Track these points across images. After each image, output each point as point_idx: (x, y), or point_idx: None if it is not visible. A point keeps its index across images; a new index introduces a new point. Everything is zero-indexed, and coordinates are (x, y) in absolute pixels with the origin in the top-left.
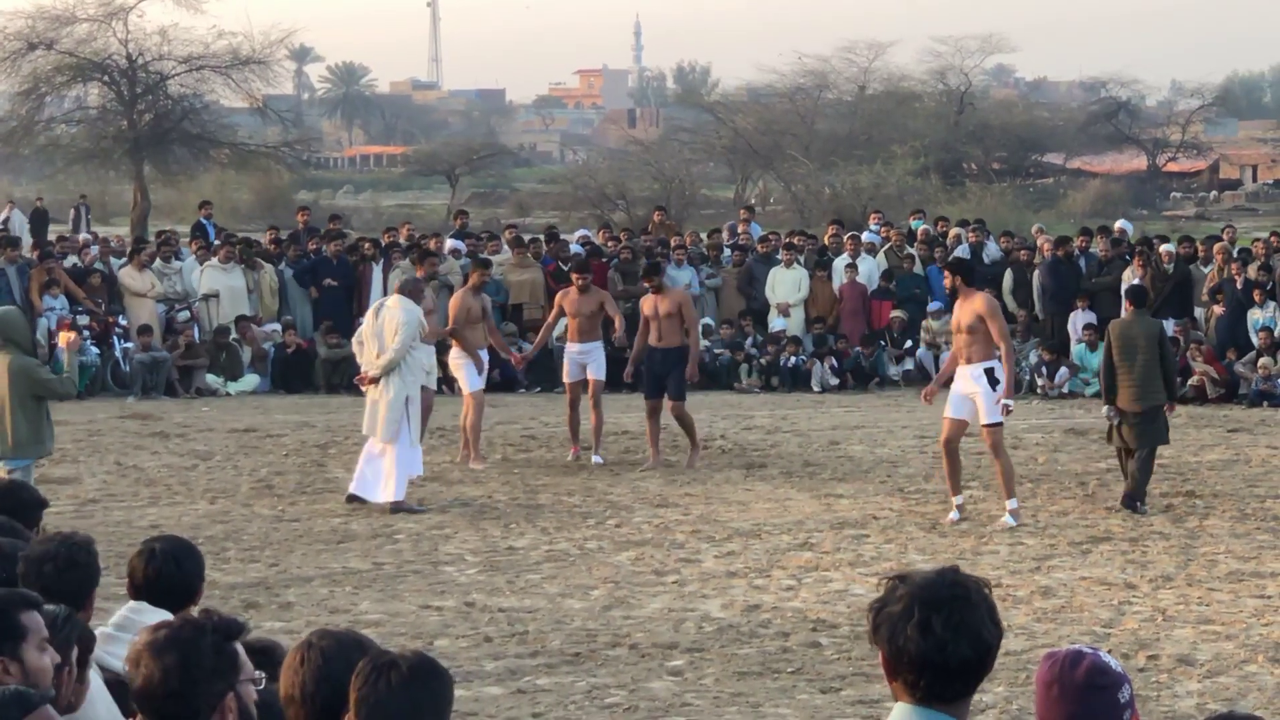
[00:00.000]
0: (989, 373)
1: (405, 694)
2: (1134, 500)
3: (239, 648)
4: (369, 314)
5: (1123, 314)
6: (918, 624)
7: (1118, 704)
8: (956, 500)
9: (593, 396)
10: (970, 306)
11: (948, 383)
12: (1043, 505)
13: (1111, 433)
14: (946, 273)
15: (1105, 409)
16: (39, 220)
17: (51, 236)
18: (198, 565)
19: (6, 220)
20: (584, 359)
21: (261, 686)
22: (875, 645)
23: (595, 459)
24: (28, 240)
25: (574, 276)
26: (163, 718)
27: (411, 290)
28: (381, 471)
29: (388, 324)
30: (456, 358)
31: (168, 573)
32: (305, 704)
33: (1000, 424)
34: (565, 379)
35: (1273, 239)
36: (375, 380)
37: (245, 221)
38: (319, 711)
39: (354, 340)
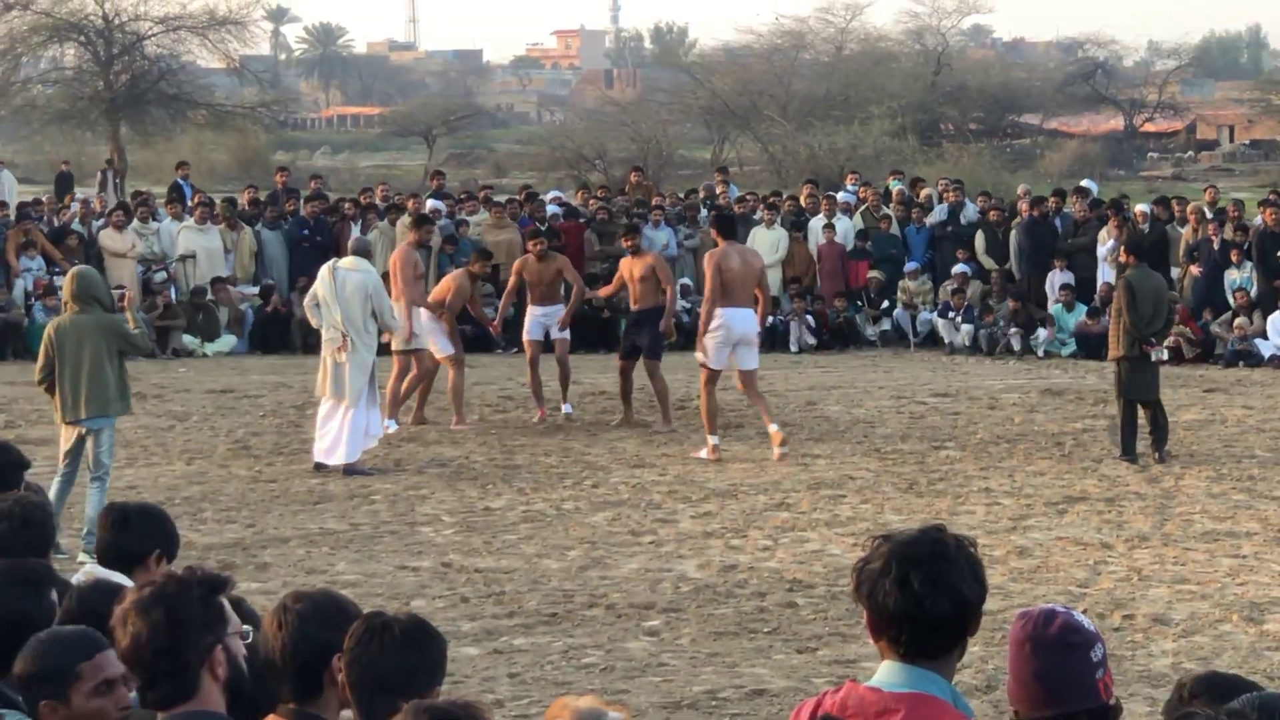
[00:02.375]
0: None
1: (398, 655)
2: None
3: (225, 602)
4: (324, 273)
5: (1127, 268)
6: (896, 580)
7: (1090, 662)
8: (712, 440)
9: (559, 355)
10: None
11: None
12: (1019, 465)
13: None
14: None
15: (1156, 352)
16: (64, 183)
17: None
18: (151, 527)
19: None
20: (547, 320)
21: (249, 640)
22: (858, 603)
23: (565, 409)
24: (14, 202)
25: (530, 244)
26: (152, 675)
27: (365, 250)
28: (332, 435)
29: (349, 285)
30: (429, 324)
31: (123, 536)
32: (284, 666)
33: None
34: (525, 336)
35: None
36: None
37: (222, 182)
38: (298, 672)
39: (307, 302)
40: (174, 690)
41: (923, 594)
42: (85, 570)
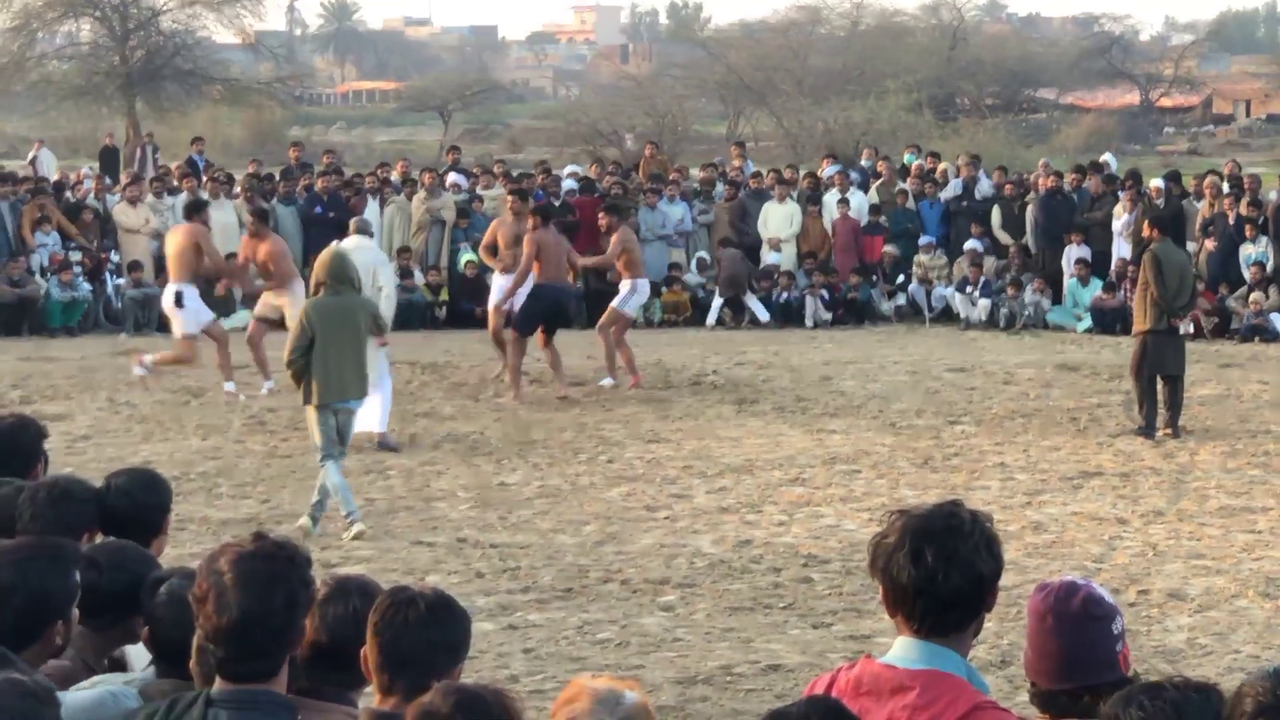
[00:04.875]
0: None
1: (423, 630)
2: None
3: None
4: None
5: (1153, 242)
6: (911, 555)
7: (1111, 635)
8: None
9: (601, 326)
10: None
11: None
12: (1034, 440)
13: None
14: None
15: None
16: (109, 158)
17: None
18: (157, 497)
19: (34, 160)
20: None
21: None
22: (874, 579)
23: (606, 381)
24: (53, 179)
25: (530, 220)
26: (247, 650)
27: (367, 229)
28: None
29: (356, 263)
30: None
31: (122, 507)
32: (310, 650)
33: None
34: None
35: None
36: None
37: (237, 158)
38: (322, 656)
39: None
40: (263, 668)
41: (937, 569)
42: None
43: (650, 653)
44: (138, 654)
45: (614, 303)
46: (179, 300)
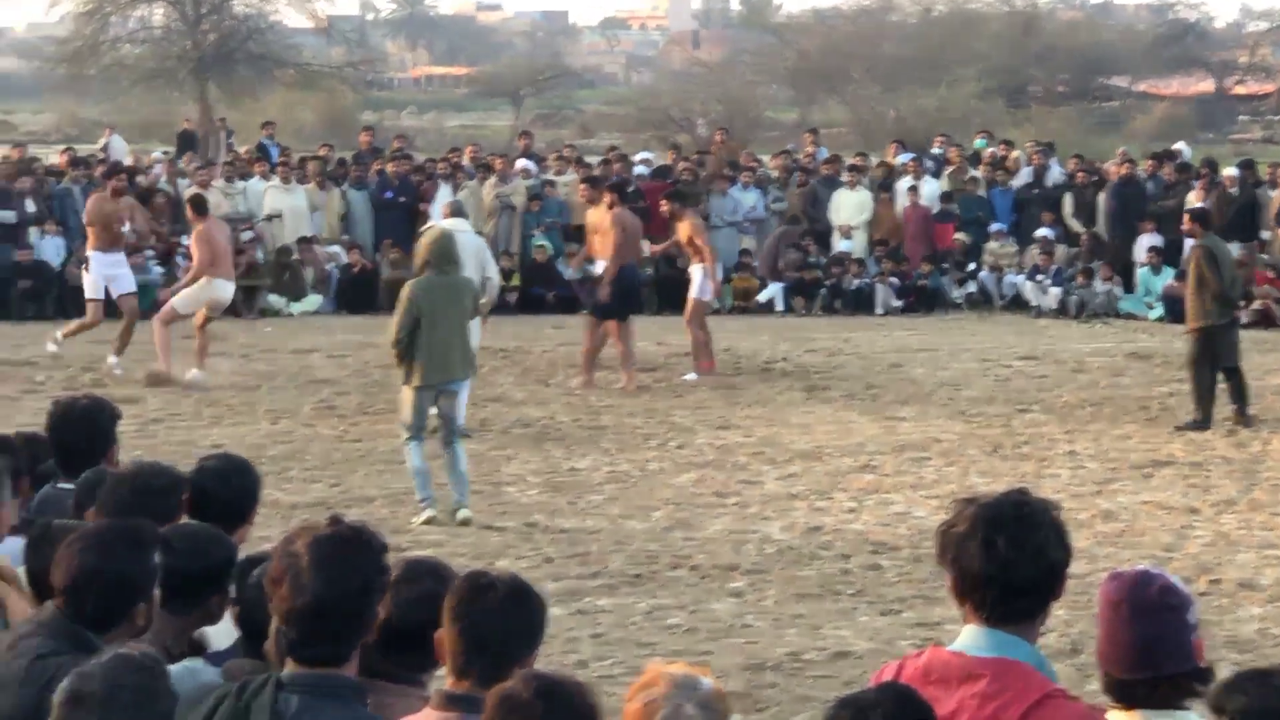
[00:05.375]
0: None
1: (500, 615)
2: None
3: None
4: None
5: (1198, 236)
6: (981, 543)
7: (1187, 625)
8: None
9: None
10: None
11: None
12: (1105, 429)
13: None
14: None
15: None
16: (187, 142)
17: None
18: (248, 483)
19: (106, 146)
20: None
21: None
22: (943, 566)
23: (689, 377)
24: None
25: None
26: (322, 632)
27: (462, 211)
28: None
29: (467, 249)
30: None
31: (213, 491)
32: (381, 632)
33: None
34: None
35: None
36: None
37: (309, 142)
38: (393, 638)
39: None
40: (334, 652)
41: (1009, 557)
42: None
43: (719, 638)
44: (216, 635)
45: (691, 292)
46: (87, 265)
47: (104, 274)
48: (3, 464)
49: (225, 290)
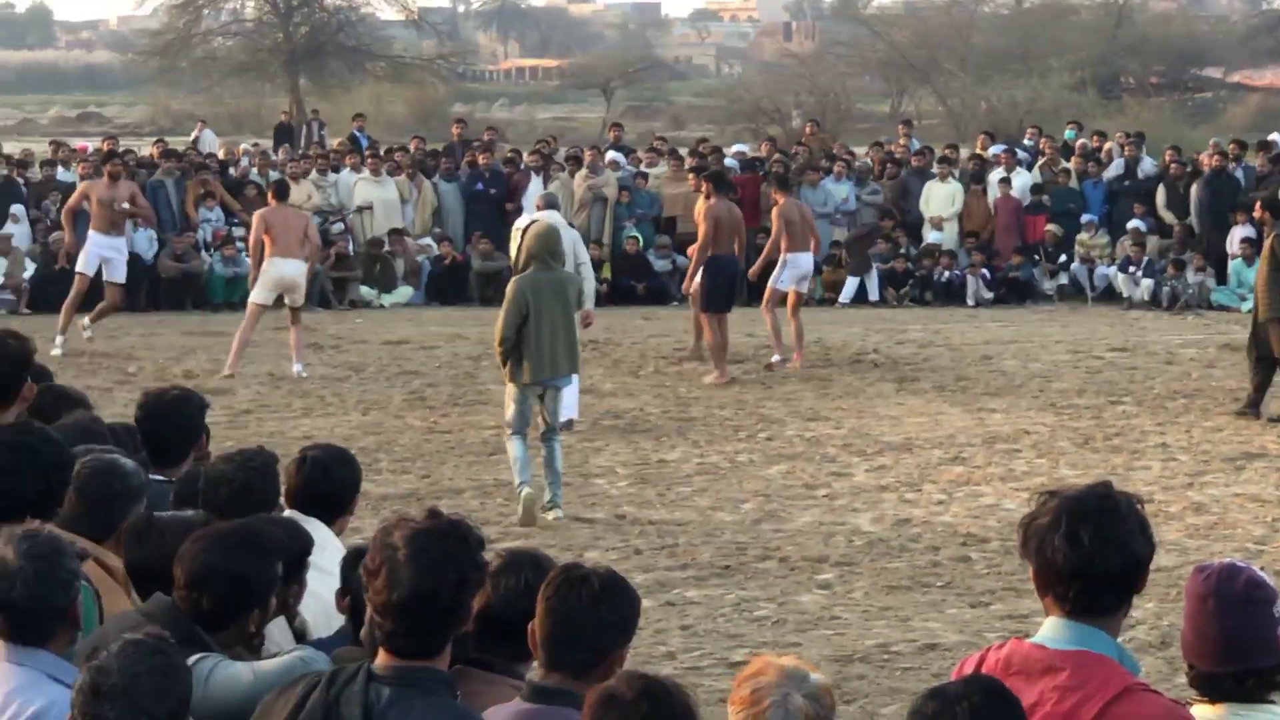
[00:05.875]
0: None
1: (594, 609)
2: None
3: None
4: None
5: (1269, 224)
6: (1065, 535)
7: (1274, 618)
8: None
9: (791, 305)
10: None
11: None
12: (1196, 421)
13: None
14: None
15: None
16: (283, 134)
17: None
18: (350, 474)
19: (196, 140)
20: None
21: None
22: (1025, 559)
23: (776, 358)
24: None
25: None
26: (420, 626)
27: (556, 204)
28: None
29: (564, 242)
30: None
31: (316, 480)
32: (480, 622)
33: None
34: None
35: None
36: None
37: (400, 134)
38: (491, 627)
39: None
40: (427, 645)
41: (1093, 550)
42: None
43: (807, 630)
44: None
45: (770, 279)
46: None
47: (100, 255)
48: (142, 483)
49: (285, 268)
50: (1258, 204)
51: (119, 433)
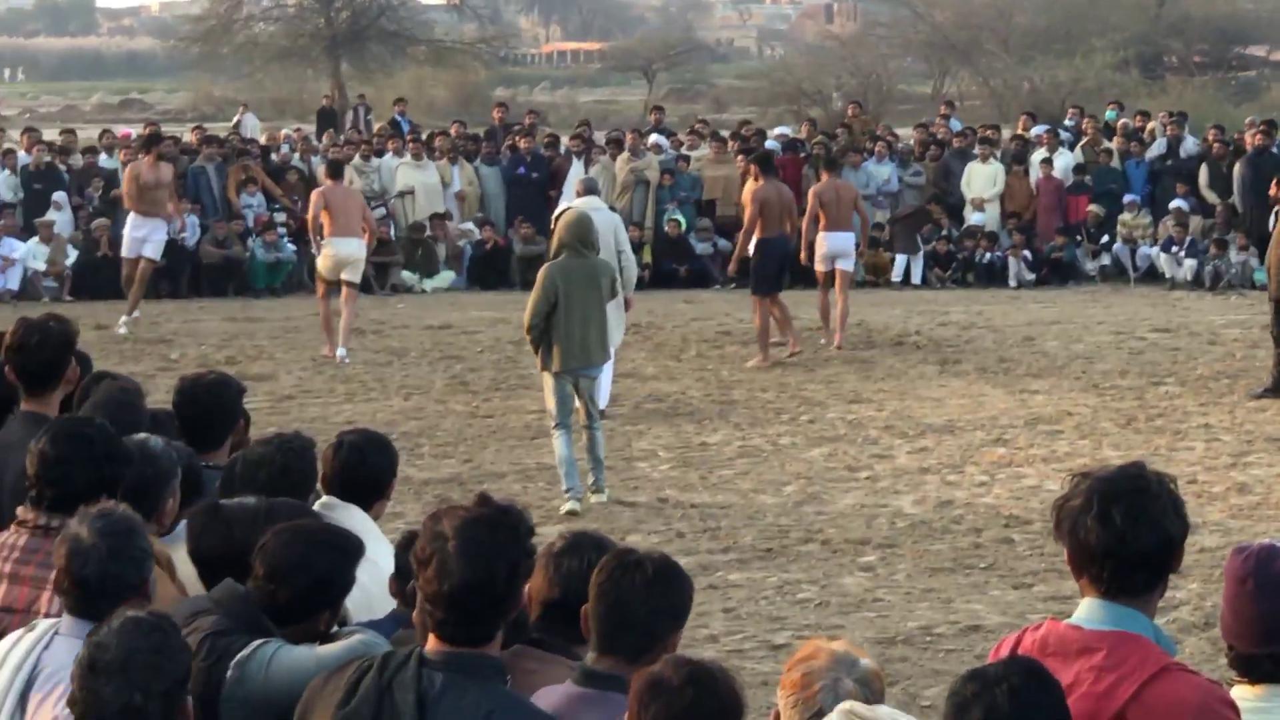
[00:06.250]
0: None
1: (648, 594)
2: None
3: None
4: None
5: None
6: (1097, 515)
7: None
8: None
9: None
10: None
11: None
12: (1239, 402)
13: None
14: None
15: None
16: (326, 119)
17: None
18: (387, 459)
19: (238, 125)
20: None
21: None
22: (1059, 541)
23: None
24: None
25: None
26: (466, 618)
27: (596, 189)
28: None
29: (603, 227)
30: None
31: (353, 465)
32: (540, 606)
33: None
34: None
35: None
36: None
37: (442, 119)
38: (552, 609)
39: None
40: (479, 633)
41: (1125, 529)
42: (323, 503)
43: (850, 613)
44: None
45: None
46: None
47: (136, 236)
48: (173, 460)
49: (344, 246)
50: (1275, 182)
51: (160, 418)
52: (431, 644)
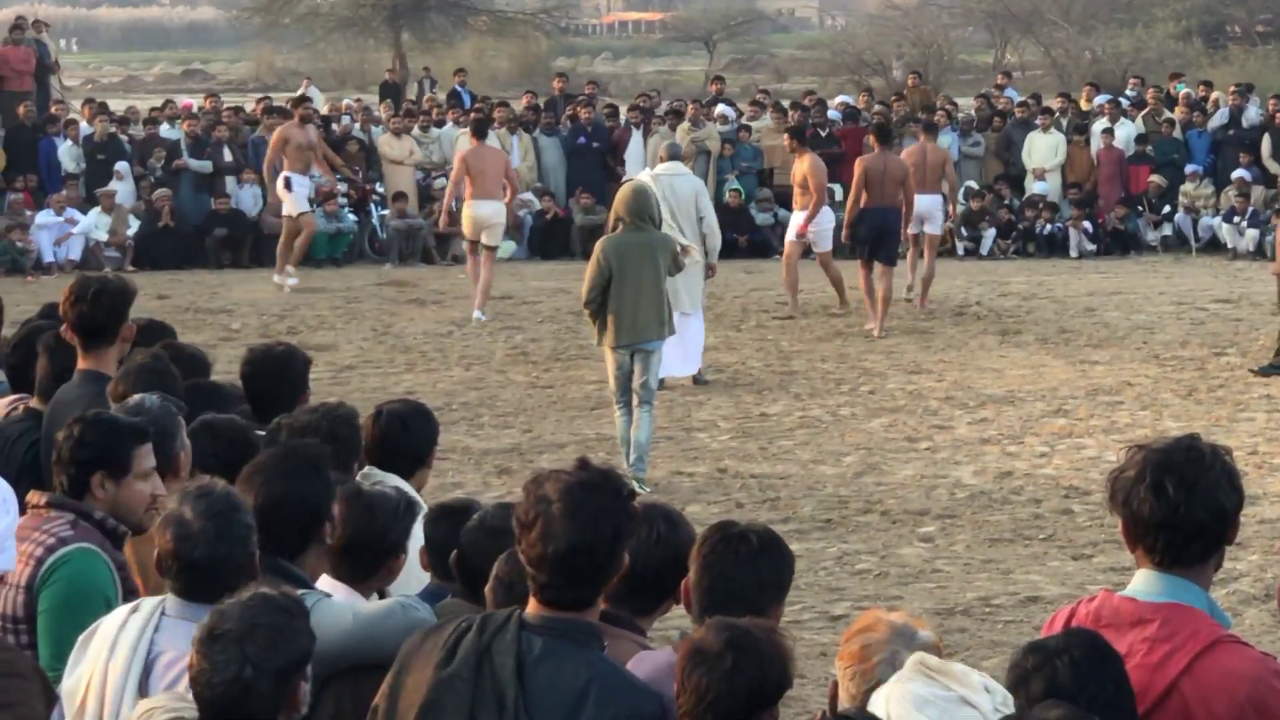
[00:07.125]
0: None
1: (752, 566)
2: None
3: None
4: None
5: None
6: (1151, 487)
7: None
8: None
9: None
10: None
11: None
12: None
13: None
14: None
15: None
16: (389, 93)
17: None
18: (428, 428)
19: (303, 96)
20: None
21: None
22: (1113, 512)
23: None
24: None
25: (788, 143)
26: (570, 581)
27: (678, 154)
28: (684, 343)
29: (678, 189)
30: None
31: (393, 435)
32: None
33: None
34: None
35: None
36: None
37: (503, 89)
38: (623, 580)
39: None
40: (581, 596)
41: (1179, 500)
42: (364, 473)
43: (909, 583)
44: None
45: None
46: (288, 185)
47: (301, 194)
48: (171, 412)
49: (481, 209)
50: None
51: (222, 391)
52: (532, 607)
